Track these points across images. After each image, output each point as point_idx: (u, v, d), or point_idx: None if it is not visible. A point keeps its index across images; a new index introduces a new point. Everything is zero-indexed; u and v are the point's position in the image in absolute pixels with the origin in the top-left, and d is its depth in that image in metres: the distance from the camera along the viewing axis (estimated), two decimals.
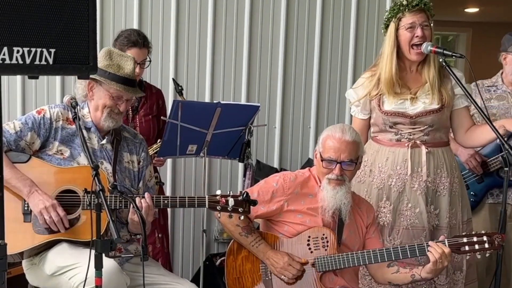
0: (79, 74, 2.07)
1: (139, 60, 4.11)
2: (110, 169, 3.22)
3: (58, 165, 3.11)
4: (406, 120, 3.58)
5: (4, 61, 1.85)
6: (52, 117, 3.15)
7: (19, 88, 4.78)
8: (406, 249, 3.14)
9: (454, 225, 3.65)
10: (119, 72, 3.13)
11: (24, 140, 3.09)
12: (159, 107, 4.40)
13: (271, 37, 5.21)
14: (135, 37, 4.11)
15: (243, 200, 3.00)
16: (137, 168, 3.35)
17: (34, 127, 3.10)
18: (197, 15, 5.05)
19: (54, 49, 1.95)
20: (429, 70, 3.59)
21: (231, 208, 3.00)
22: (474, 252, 3.11)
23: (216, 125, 3.80)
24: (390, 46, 3.56)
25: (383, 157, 3.65)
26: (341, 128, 3.21)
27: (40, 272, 3.11)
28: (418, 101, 3.58)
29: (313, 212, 3.26)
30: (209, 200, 3.02)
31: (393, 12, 3.56)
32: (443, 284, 3.66)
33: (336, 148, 3.15)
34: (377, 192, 3.65)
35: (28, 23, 1.88)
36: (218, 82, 5.15)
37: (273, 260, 3.21)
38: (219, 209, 3.00)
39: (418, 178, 3.59)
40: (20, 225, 3.04)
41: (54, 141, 3.15)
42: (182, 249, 5.25)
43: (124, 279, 2.97)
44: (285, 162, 5.34)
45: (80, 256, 2.89)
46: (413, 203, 3.59)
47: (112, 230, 2.54)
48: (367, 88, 3.67)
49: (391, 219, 3.61)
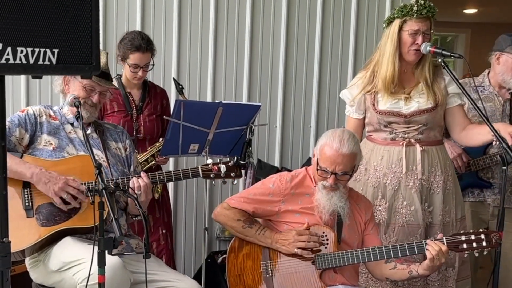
0: (82, 74, 2.08)
1: (142, 64, 4.12)
2: (101, 155, 3.30)
3: (49, 157, 3.18)
4: (401, 119, 3.58)
5: (8, 61, 1.85)
6: (35, 112, 3.28)
7: (23, 88, 4.79)
8: (405, 247, 3.13)
9: (448, 223, 3.66)
10: None
11: (14, 136, 3.18)
12: (163, 107, 4.40)
13: (272, 38, 5.21)
14: (138, 42, 4.10)
15: (234, 165, 3.17)
16: (124, 154, 3.45)
17: (20, 123, 3.21)
18: (199, 16, 5.05)
19: (57, 49, 1.95)
20: (422, 70, 3.60)
21: (224, 174, 3.17)
22: (472, 250, 3.11)
23: (217, 124, 3.80)
24: (393, 46, 3.54)
25: (378, 156, 3.66)
26: (340, 138, 3.15)
27: (45, 269, 3.12)
28: (412, 101, 3.58)
29: (310, 211, 3.25)
30: (202, 169, 3.19)
31: (401, 13, 3.53)
32: (435, 280, 3.66)
33: (332, 160, 3.13)
34: (373, 191, 3.65)
35: (32, 23, 1.88)
36: (219, 82, 5.15)
37: (282, 240, 3.20)
38: (212, 176, 3.18)
39: (413, 176, 3.60)
40: (23, 221, 3.05)
41: (41, 135, 3.24)
42: (184, 246, 5.25)
43: (128, 275, 2.98)
44: (286, 161, 5.34)
45: (85, 251, 2.90)
46: (408, 201, 3.60)
47: (115, 228, 2.55)
48: (361, 85, 3.68)
49: (387, 217, 3.61)
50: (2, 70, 1.86)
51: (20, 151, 3.19)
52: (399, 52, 3.56)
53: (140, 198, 3.03)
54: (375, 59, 3.66)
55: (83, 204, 3.09)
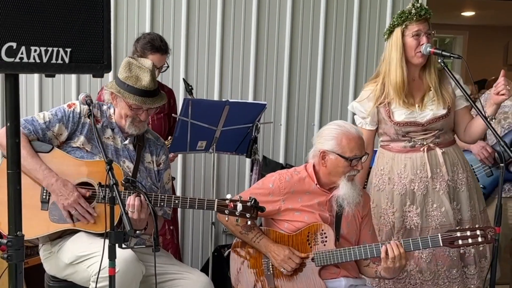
0: (94, 73, 2.06)
1: (159, 65, 4.12)
2: (131, 167, 3.22)
3: (80, 158, 3.11)
4: (418, 128, 3.55)
5: (22, 60, 1.84)
6: (82, 112, 3.16)
7: (36, 86, 4.78)
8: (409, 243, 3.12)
9: (475, 216, 3.64)
10: (136, 84, 3.10)
11: (52, 130, 3.10)
12: (170, 106, 4.39)
13: (277, 39, 5.21)
14: (158, 43, 4.10)
15: (251, 206, 2.99)
16: (156, 168, 3.34)
17: (63, 119, 3.12)
18: (206, 18, 5.05)
19: (70, 49, 1.94)
20: (430, 75, 3.57)
21: (239, 213, 2.98)
22: (467, 246, 3.08)
23: (224, 122, 3.79)
24: (399, 52, 3.51)
25: (400, 164, 3.61)
26: (349, 125, 3.20)
27: (58, 261, 3.10)
28: (426, 109, 3.55)
29: (310, 209, 3.23)
30: (218, 204, 3.01)
31: (400, 19, 3.51)
32: (473, 273, 3.65)
33: (358, 144, 3.14)
34: (400, 198, 3.60)
35: (45, 24, 1.87)
36: (226, 82, 5.14)
37: (274, 253, 3.19)
38: (227, 213, 2.99)
39: (438, 179, 3.57)
40: (37, 212, 3.04)
41: (80, 135, 3.15)
42: (192, 240, 5.25)
43: (141, 268, 2.97)
44: (290, 158, 5.34)
45: (98, 245, 2.87)
46: (437, 203, 3.57)
47: (125, 222, 2.53)
48: (373, 99, 3.61)
49: (420, 221, 3.56)
50: (17, 68, 1.85)
51: (55, 144, 3.11)
52: (406, 58, 3.53)
53: (132, 215, 2.94)
54: (383, 71, 3.61)
55: (96, 210, 3.05)
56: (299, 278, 3.21)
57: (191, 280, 3.11)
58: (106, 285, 2.66)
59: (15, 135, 1.99)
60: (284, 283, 3.21)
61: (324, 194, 3.24)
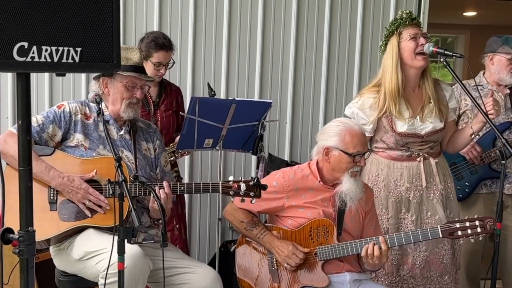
0: (104, 72, 2.06)
1: (165, 62, 4.13)
2: (131, 157, 3.25)
3: (80, 156, 3.14)
4: (418, 139, 3.57)
5: (33, 59, 1.84)
6: (71, 110, 3.20)
7: (47, 85, 4.78)
8: (401, 236, 3.13)
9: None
10: (128, 63, 3.17)
11: (46, 132, 3.13)
12: (178, 103, 4.39)
13: (282, 39, 5.19)
14: (162, 41, 4.11)
15: (254, 185, 3.05)
16: (153, 155, 3.38)
17: (55, 120, 3.15)
18: (213, 18, 5.04)
19: (80, 48, 1.94)
20: (429, 84, 3.58)
21: (243, 193, 3.05)
22: (466, 236, 3.07)
23: (231, 120, 3.79)
24: (395, 59, 3.50)
25: (396, 172, 3.61)
26: (352, 122, 3.23)
27: (68, 257, 3.11)
28: (426, 121, 3.55)
29: (313, 205, 3.23)
30: (222, 185, 3.08)
31: (394, 26, 3.53)
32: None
33: (362, 141, 3.15)
34: (395, 205, 3.61)
35: (56, 24, 1.88)
36: (233, 80, 5.14)
37: (278, 249, 3.20)
38: (231, 193, 3.06)
39: (432, 188, 3.60)
40: (46, 213, 3.05)
41: (74, 133, 3.18)
42: (199, 236, 5.25)
43: (148, 263, 2.97)
44: (296, 155, 5.33)
45: (106, 241, 2.89)
46: (431, 211, 3.59)
47: (134, 218, 2.54)
48: (376, 109, 3.57)
49: (414, 228, 3.54)
50: (28, 67, 1.85)
51: (51, 146, 3.15)
52: (404, 67, 3.52)
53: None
54: (382, 81, 3.59)
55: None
56: (303, 273, 3.21)
57: (199, 274, 3.12)
58: (114, 281, 2.68)
59: (26, 132, 1.99)
60: (288, 278, 3.21)
61: (327, 190, 3.24)
